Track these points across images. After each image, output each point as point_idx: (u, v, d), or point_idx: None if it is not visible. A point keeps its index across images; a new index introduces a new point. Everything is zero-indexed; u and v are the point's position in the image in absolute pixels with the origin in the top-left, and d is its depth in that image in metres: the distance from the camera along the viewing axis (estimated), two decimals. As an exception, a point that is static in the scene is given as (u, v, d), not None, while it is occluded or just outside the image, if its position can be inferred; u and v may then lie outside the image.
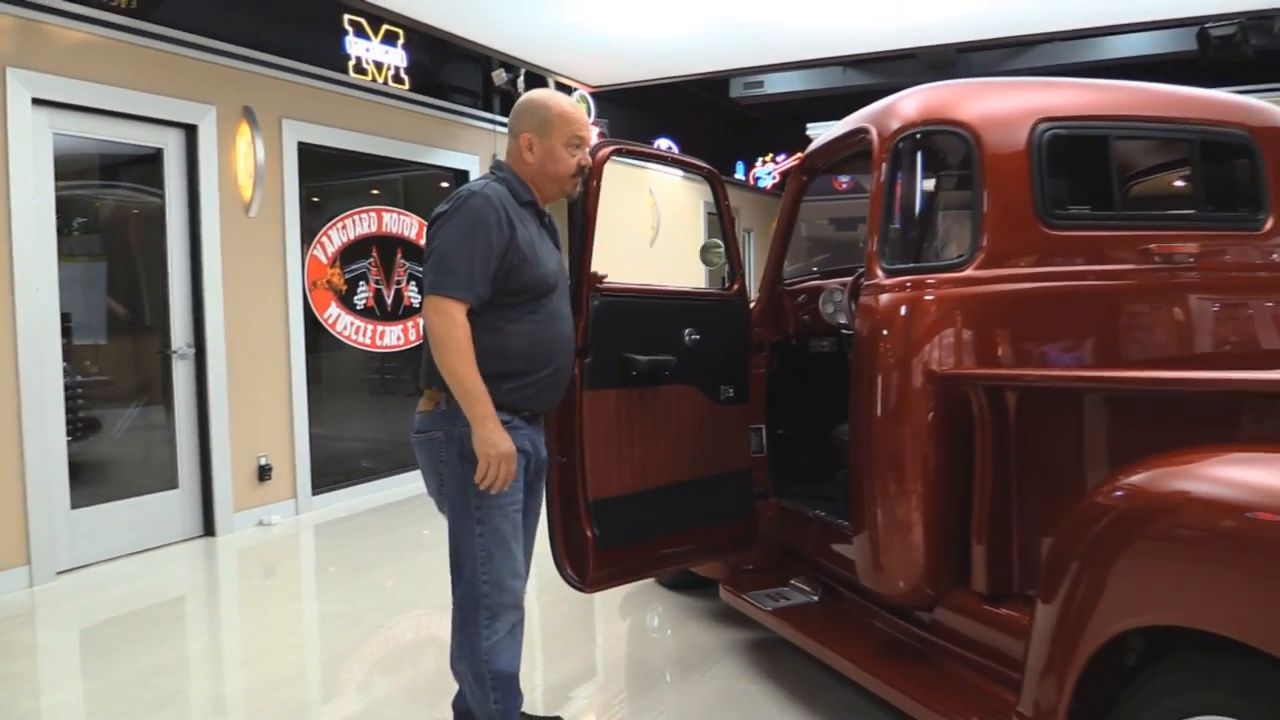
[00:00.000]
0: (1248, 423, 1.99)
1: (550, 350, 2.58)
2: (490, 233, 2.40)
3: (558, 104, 2.59)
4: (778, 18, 6.73)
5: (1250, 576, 1.56)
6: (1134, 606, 1.72)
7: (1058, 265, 2.68)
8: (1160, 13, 7.30)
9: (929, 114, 2.74)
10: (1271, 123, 3.02)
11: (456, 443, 2.46)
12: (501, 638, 2.52)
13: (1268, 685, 1.51)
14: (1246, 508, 1.59)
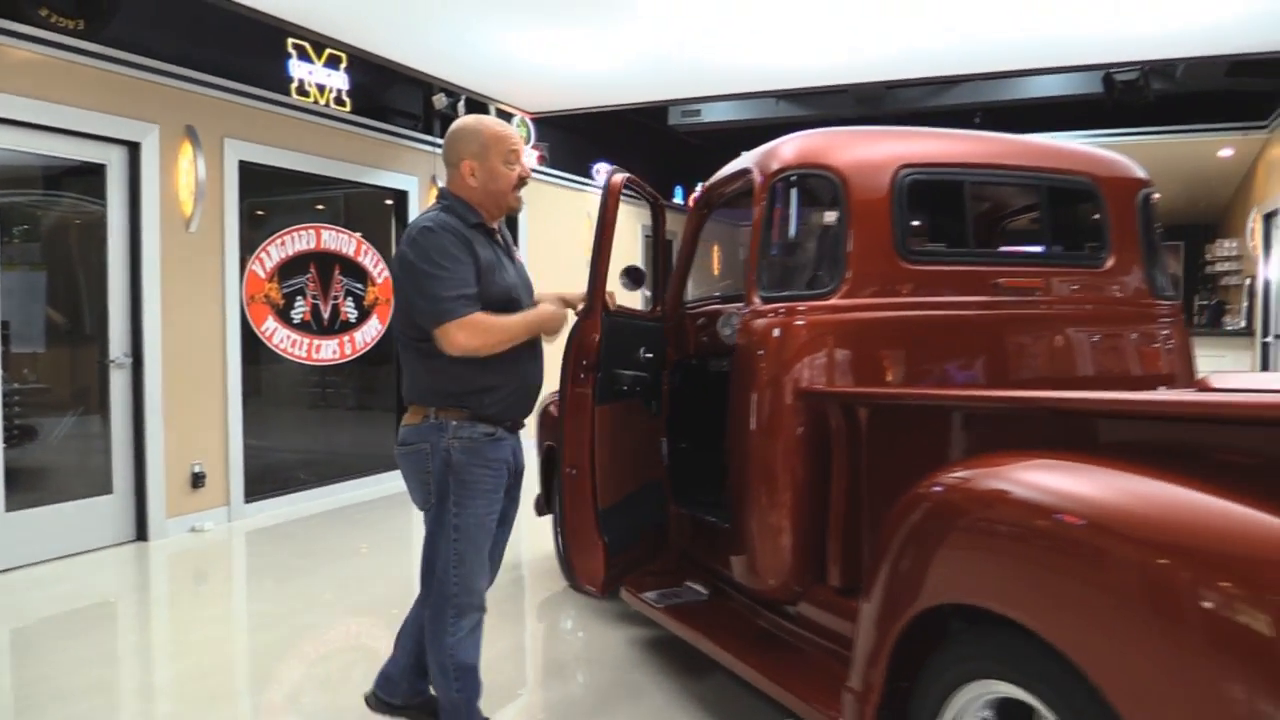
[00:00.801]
0: (1050, 434, 2.30)
1: (520, 362, 2.73)
2: (449, 250, 2.56)
3: (489, 126, 2.75)
4: (712, 54, 7.07)
5: (1018, 564, 1.85)
6: (932, 588, 2.01)
7: (914, 296, 3.00)
8: (1069, 59, 7.74)
9: (803, 158, 3.05)
10: (1114, 172, 3.38)
11: (442, 453, 2.63)
12: (465, 634, 2.71)
13: (1021, 653, 1.80)
14: (1022, 506, 1.89)
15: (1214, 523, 1.56)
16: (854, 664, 2.25)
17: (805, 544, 2.89)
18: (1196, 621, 1.47)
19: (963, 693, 1.99)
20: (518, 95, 8.51)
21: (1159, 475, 1.70)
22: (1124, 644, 1.58)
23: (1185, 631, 1.49)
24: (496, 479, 2.72)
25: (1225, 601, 1.44)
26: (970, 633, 1.96)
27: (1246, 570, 1.45)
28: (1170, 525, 1.61)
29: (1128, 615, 1.59)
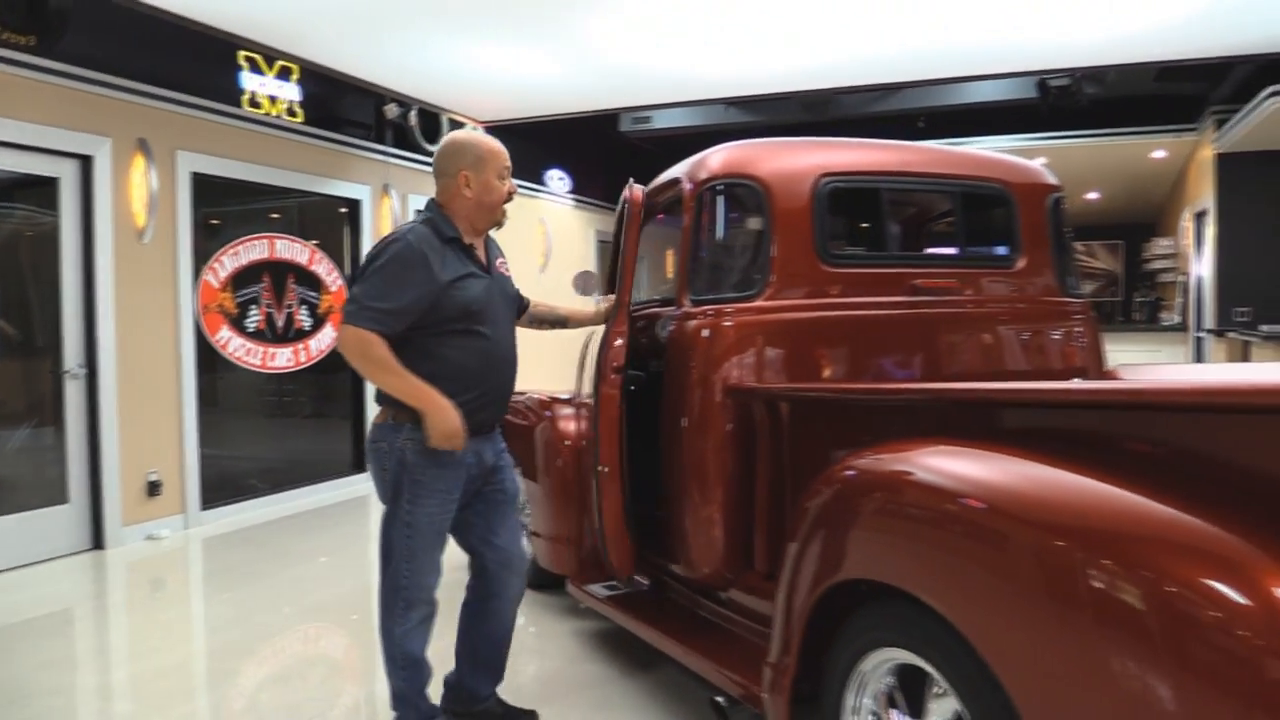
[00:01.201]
0: (950, 423, 2.48)
1: (483, 371, 2.83)
2: (404, 272, 2.67)
3: (485, 142, 2.90)
4: (662, 63, 7.24)
5: (912, 541, 2.02)
6: (839, 566, 2.19)
7: (835, 297, 3.18)
8: (1006, 66, 8.02)
9: (730, 168, 3.22)
10: (1026, 178, 3.59)
11: (397, 452, 2.76)
12: (414, 626, 2.84)
13: (916, 624, 1.98)
14: (916, 488, 2.06)
15: (1089, 504, 1.73)
16: (773, 639, 2.42)
17: (735, 534, 3.05)
18: (1069, 594, 1.64)
19: (868, 661, 2.16)
20: (470, 104, 8.65)
21: (1042, 459, 1.88)
22: (1003, 615, 1.76)
23: (1059, 603, 1.66)
24: (451, 480, 2.82)
25: (1096, 576, 1.60)
26: (874, 606, 2.13)
27: (1117, 547, 1.61)
28: (1047, 505, 1.78)
29: (1007, 589, 1.77)
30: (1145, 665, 1.53)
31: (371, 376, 2.74)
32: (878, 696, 2.17)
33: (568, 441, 4.13)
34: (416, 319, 2.71)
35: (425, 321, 2.73)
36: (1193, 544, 1.55)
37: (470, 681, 3.10)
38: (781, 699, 2.38)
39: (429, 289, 2.70)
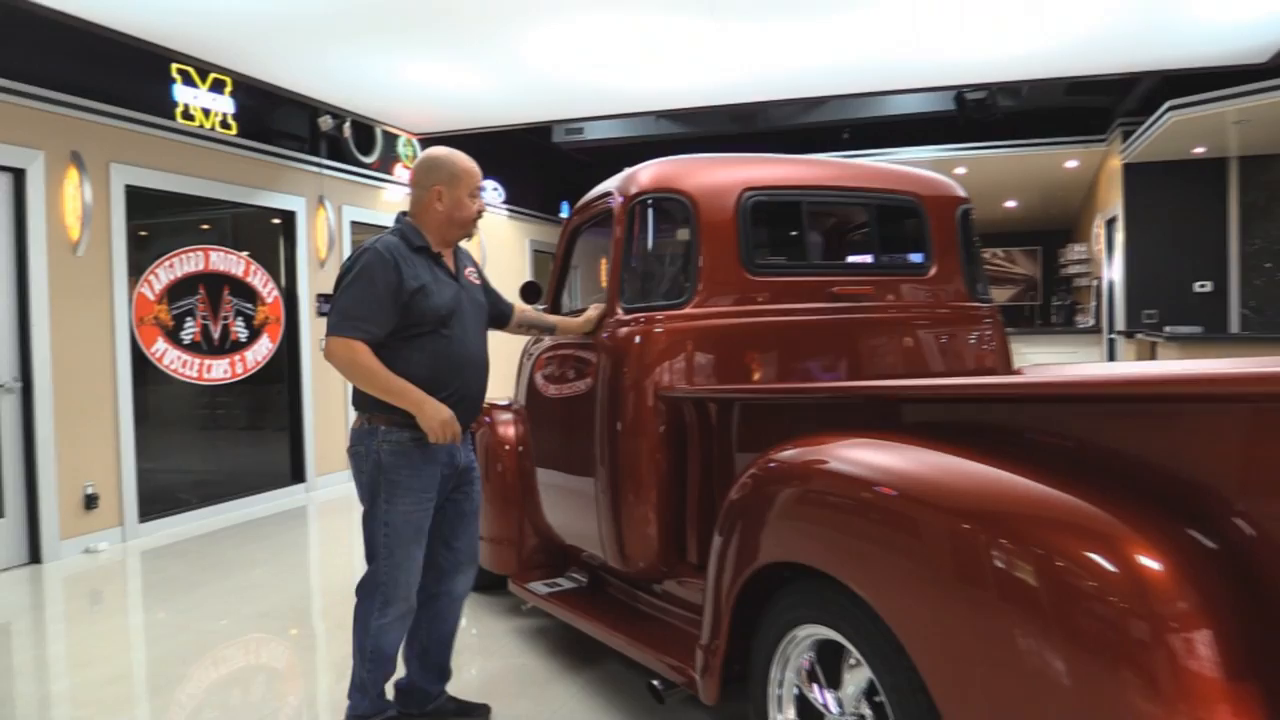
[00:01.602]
0: (862, 418, 2.69)
1: (451, 371, 2.96)
2: (378, 280, 2.82)
3: (461, 161, 3.05)
4: (593, 77, 7.41)
5: (827, 526, 2.22)
6: (763, 550, 2.37)
7: (759, 304, 3.37)
8: (925, 80, 8.33)
9: (658, 183, 3.40)
10: (936, 191, 3.83)
11: (373, 454, 2.90)
12: (389, 621, 2.96)
13: (832, 601, 2.17)
14: (838, 476, 2.26)
15: (982, 488, 1.93)
16: (704, 623, 2.60)
17: (668, 528, 3.23)
18: (965, 568, 1.83)
19: (790, 638, 2.35)
20: (403, 117, 8.73)
21: (942, 449, 2.08)
22: (907, 589, 1.95)
23: (956, 576, 1.85)
24: (426, 480, 2.94)
25: (988, 551, 1.79)
26: (794, 586, 2.32)
27: (1006, 526, 1.80)
28: (945, 490, 1.98)
29: (910, 566, 1.96)
30: (1030, 627, 1.72)
31: (361, 383, 2.86)
32: (800, 671, 2.36)
33: (507, 446, 4.27)
34: (399, 321, 2.86)
35: (398, 326, 2.86)
36: (1070, 520, 1.75)
37: (422, 682, 3.21)
38: (713, 679, 2.56)
39: (401, 295, 2.84)
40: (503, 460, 4.25)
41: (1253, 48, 6.71)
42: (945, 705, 1.85)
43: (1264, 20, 6.19)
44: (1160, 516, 1.70)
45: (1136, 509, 1.71)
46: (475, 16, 6.02)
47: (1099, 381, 1.99)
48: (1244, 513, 1.64)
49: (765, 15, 6.17)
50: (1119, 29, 6.49)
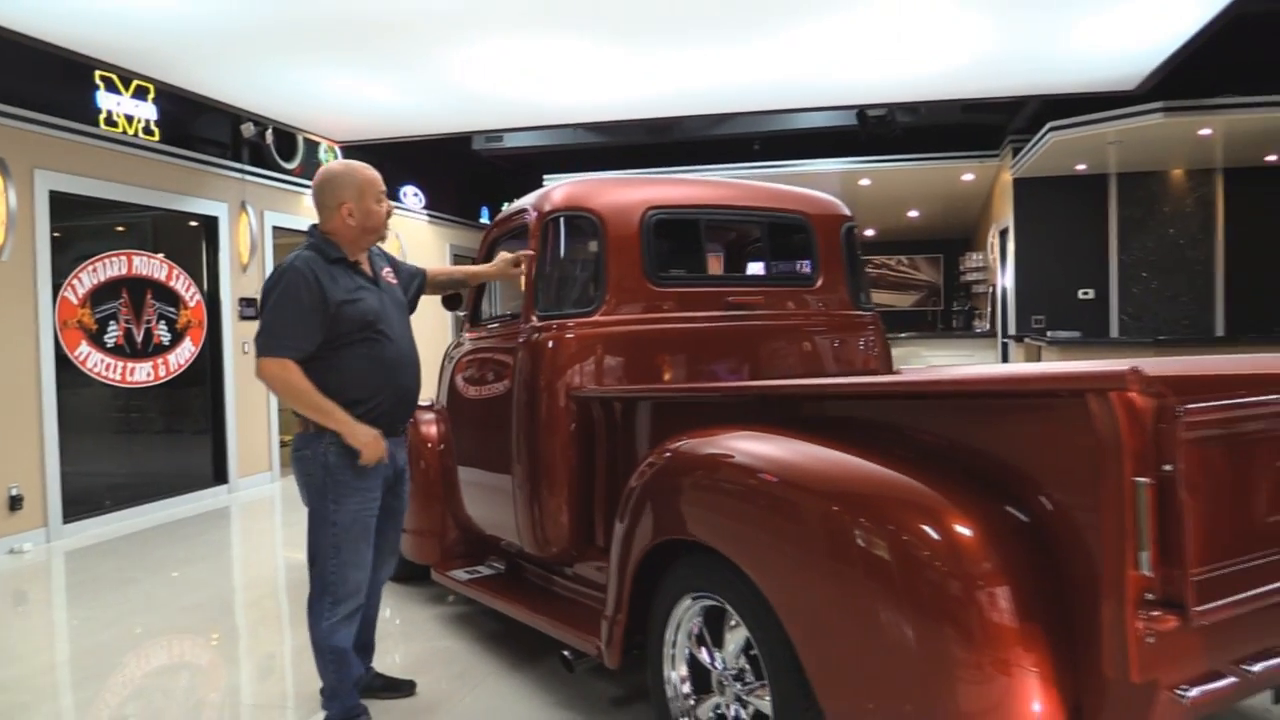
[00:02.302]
0: (747, 414, 3.04)
1: (386, 374, 3.08)
2: (302, 298, 2.93)
3: (361, 171, 3.15)
4: (514, 92, 7.69)
5: (711, 506, 2.56)
6: (656, 528, 2.71)
7: (661, 312, 3.72)
8: (827, 100, 8.80)
9: (570, 202, 3.72)
10: (823, 210, 4.22)
11: (320, 456, 3.00)
12: (340, 619, 3.05)
13: (716, 571, 2.51)
14: (720, 463, 2.61)
15: (838, 472, 2.29)
16: (608, 597, 2.93)
17: (578, 516, 3.55)
18: (823, 540, 2.19)
19: (681, 605, 2.69)
20: (324, 125, 8.91)
21: (811, 440, 2.43)
22: (776, 559, 2.30)
23: (815, 547, 2.21)
24: (371, 479, 3.06)
25: (840, 525, 2.16)
26: (686, 559, 2.66)
27: (855, 504, 2.16)
28: (809, 473, 2.34)
29: (778, 538, 2.32)
30: (869, 587, 2.08)
31: (291, 401, 2.98)
32: (690, 634, 2.70)
33: (430, 444, 4.55)
34: (327, 332, 2.98)
35: (328, 337, 2.98)
36: (904, 499, 2.10)
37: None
38: (615, 646, 2.90)
39: (328, 308, 2.96)
40: (425, 458, 4.52)
41: (1123, 76, 7.30)
42: (805, 655, 2.21)
43: (1132, 52, 6.77)
44: (981, 495, 2.07)
45: (962, 489, 2.08)
46: (400, 35, 6.28)
47: (929, 383, 2.38)
48: (1045, 492, 2.02)
49: (677, 43, 6.55)
50: (1003, 56, 7.01)
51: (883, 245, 15.35)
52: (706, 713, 2.67)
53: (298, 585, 5.22)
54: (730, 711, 2.59)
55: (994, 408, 2.16)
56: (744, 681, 2.52)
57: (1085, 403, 1.83)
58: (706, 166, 11.02)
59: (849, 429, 2.50)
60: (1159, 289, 10.04)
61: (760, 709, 2.45)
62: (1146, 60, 6.91)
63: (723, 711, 2.61)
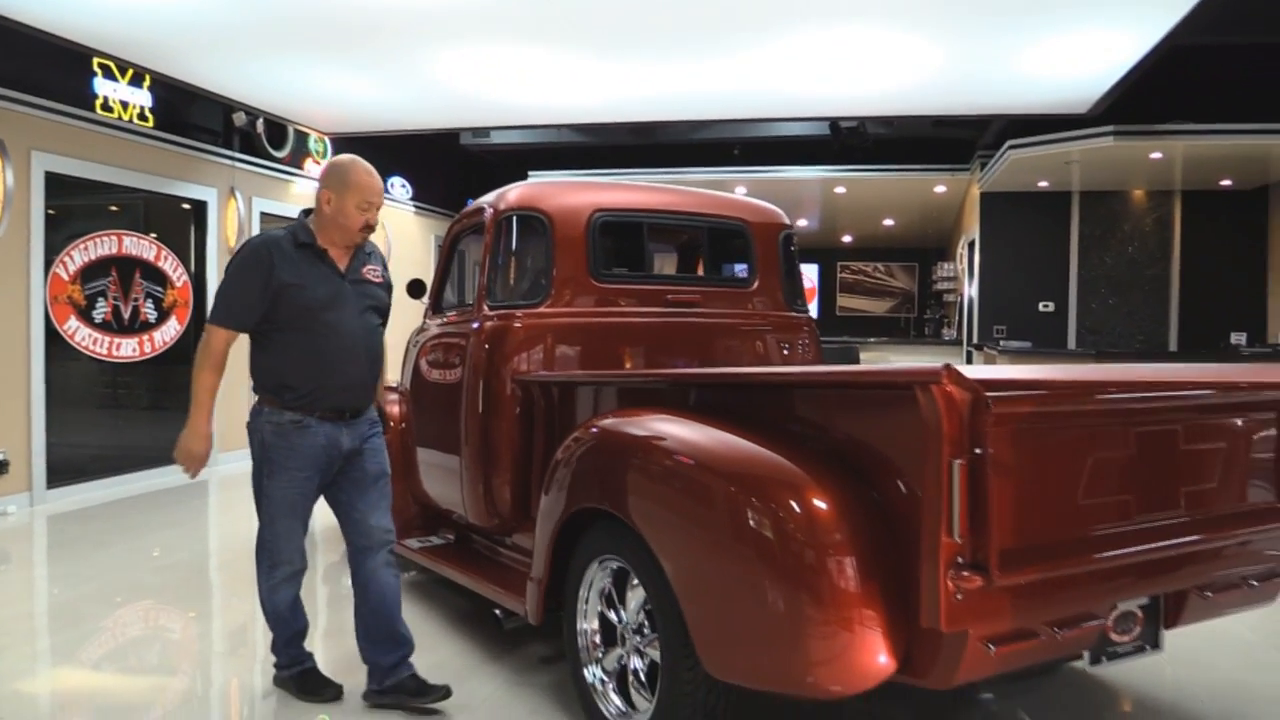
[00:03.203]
0: (670, 399, 3.37)
1: (327, 362, 3.13)
2: (248, 272, 3.07)
3: (358, 173, 3.18)
4: (501, 93, 7.98)
5: (617, 478, 2.89)
6: (573, 499, 3.03)
7: (604, 307, 4.04)
8: (802, 111, 9.12)
9: (522, 203, 4.05)
10: (762, 218, 4.55)
11: (259, 432, 3.18)
12: (278, 582, 3.27)
13: (620, 536, 2.84)
14: (625, 439, 2.93)
15: (726, 452, 2.60)
16: (533, 560, 3.26)
17: (519, 491, 3.87)
18: (706, 510, 2.52)
19: (593, 566, 3.02)
20: (315, 117, 9.20)
21: (708, 423, 2.76)
22: (666, 525, 2.63)
23: (699, 515, 2.54)
24: (303, 461, 3.15)
25: (722, 497, 2.48)
26: (598, 526, 2.98)
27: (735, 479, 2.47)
28: (703, 452, 2.67)
29: (670, 508, 2.65)
30: (740, 551, 2.41)
31: (194, 368, 3.16)
32: (600, 593, 3.03)
33: (392, 424, 4.86)
34: (262, 314, 3.10)
35: (268, 317, 3.10)
36: (774, 476, 2.42)
37: (372, 656, 3.34)
38: (538, 604, 3.23)
39: (269, 288, 3.06)
40: (387, 436, 4.82)
41: (1076, 99, 7.64)
42: (687, 610, 2.53)
43: (1081, 77, 7.10)
44: (843, 475, 2.39)
45: (827, 469, 2.40)
46: (388, 36, 6.57)
47: (793, 374, 2.72)
48: (888, 471, 2.34)
49: (657, 55, 6.88)
50: (963, 76, 7.34)
51: (860, 252, 15.70)
52: (612, 663, 3.00)
53: None
54: (630, 662, 2.92)
55: (851, 399, 2.50)
56: (642, 635, 2.85)
57: (914, 394, 2.16)
58: (687, 170, 11.35)
59: (742, 414, 2.82)
60: (1116, 304, 10.39)
61: (655, 659, 2.78)
62: (1095, 85, 7.25)
63: (625, 662, 2.94)
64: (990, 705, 3.37)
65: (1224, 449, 2.75)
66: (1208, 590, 2.71)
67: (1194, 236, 10.22)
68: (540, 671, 3.64)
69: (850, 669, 2.25)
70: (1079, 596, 2.41)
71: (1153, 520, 2.52)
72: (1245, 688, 3.57)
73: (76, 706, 3.48)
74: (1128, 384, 2.62)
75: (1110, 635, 2.53)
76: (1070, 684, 3.56)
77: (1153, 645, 2.66)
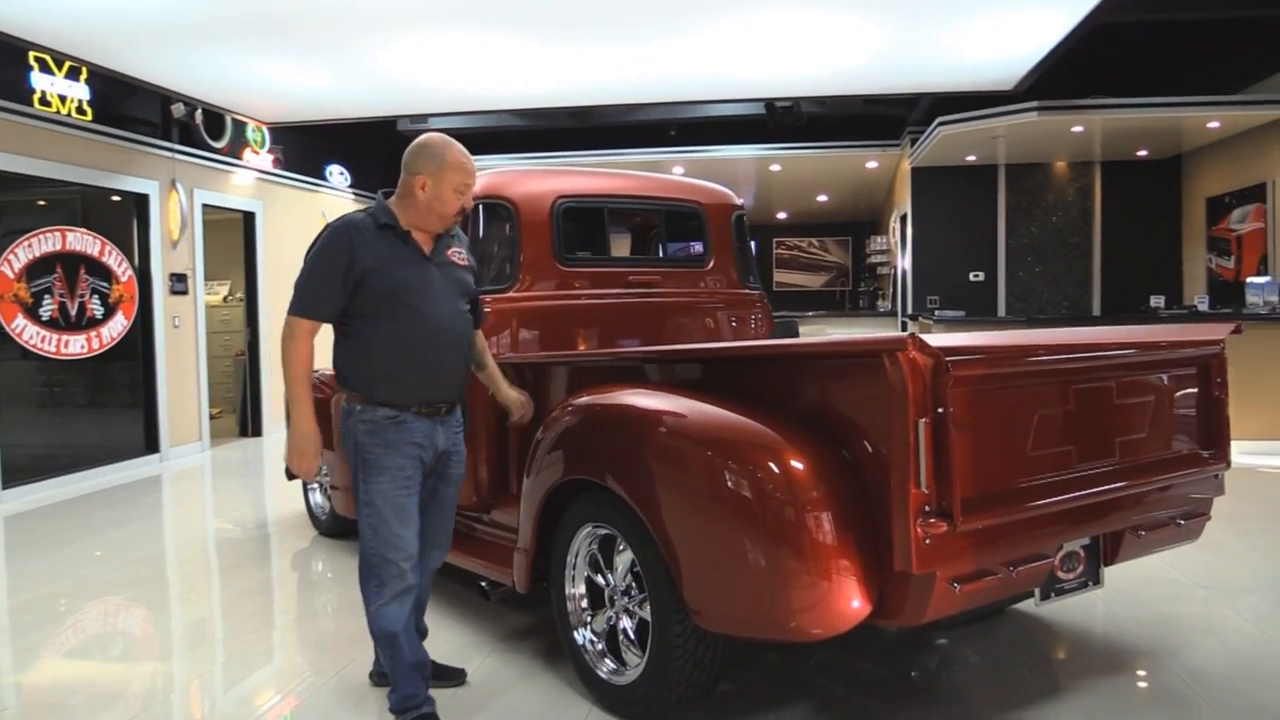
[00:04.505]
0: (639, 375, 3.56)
1: (415, 351, 2.93)
2: (329, 257, 2.87)
3: (454, 155, 2.96)
4: (441, 80, 8.05)
5: (605, 450, 3.08)
6: (559, 470, 3.21)
7: (569, 289, 4.22)
8: (737, 93, 9.32)
9: (488, 191, 4.18)
10: (715, 199, 4.75)
11: (352, 434, 2.93)
12: (386, 602, 2.94)
13: (608, 505, 3.03)
14: (611, 414, 3.12)
15: (707, 420, 2.81)
16: (519, 531, 3.44)
17: (497, 470, 4.04)
18: (693, 475, 2.72)
19: (579, 534, 3.21)
20: (253, 106, 9.17)
21: (687, 395, 2.96)
22: (654, 491, 2.82)
23: (687, 481, 2.74)
24: (403, 459, 2.93)
25: (706, 462, 2.68)
26: (583, 496, 3.17)
27: (718, 445, 2.68)
28: (684, 421, 2.87)
29: (657, 474, 2.84)
30: (725, 510, 2.62)
31: (283, 367, 2.94)
32: (586, 558, 3.22)
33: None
34: (345, 301, 2.89)
35: (352, 306, 2.90)
36: (753, 441, 2.63)
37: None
38: (525, 573, 3.41)
39: (351, 274, 2.86)
40: (357, 420, 4.95)
41: (1001, 77, 7.97)
42: (677, 568, 2.73)
43: (1006, 56, 7.42)
44: (817, 438, 2.61)
45: (802, 433, 2.62)
46: (330, 24, 6.61)
47: (781, 347, 2.93)
48: (859, 432, 2.57)
49: (594, 38, 7.01)
50: (893, 57, 7.60)
51: (794, 228, 16.02)
52: (601, 624, 3.20)
53: (228, 544, 5.72)
54: (620, 623, 3.12)
55: (823, 369, 2.72)
56: (630, 595, 3.06)
57: (881, 362, 2.39)
58: (624, 151, 11.50)
59: (719, 387, 3.03)
60: (1042, 272, 10.83)
61: (643, 617, 2.99)
62: (1020, 64, 7.58)
63: (614, 623, 3.14)
64: (945, 649, 3.64)
65: (1151, 403, 3.04)
66: (1141, 529, 2.99)
67: (1113, 205, 10.69)
68: (526, 639, 3.83)
69: (830, 614, 2.48)
70: (1030, 538, 2.67)
71: (1092, 468, 2.80)
72: (1172, 619, 3.90)
73: (76, 692, 3.57)
74: (1068, 346, 2.88)
75: (1058, 573, 2.81)
76: (1017, 626, 3.85)
77: (1094, 581, 2.94)
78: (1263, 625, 3.85)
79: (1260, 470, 7.07)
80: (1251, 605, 4.09)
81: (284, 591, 4.83)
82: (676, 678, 2.86)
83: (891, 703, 3.21)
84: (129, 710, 3.31)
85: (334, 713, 3.22)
